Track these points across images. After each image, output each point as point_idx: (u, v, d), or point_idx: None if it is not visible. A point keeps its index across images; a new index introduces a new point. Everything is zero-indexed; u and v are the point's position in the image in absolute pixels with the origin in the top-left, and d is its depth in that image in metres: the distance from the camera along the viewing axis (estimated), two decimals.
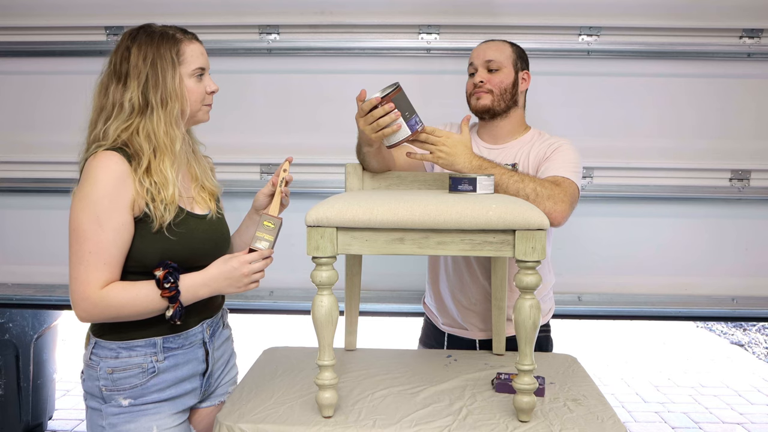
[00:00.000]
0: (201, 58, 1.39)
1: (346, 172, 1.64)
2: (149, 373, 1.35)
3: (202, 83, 1.39)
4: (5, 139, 2.31)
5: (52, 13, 2.24)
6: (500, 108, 1.72)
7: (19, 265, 2.34)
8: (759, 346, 4.91)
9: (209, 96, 1.42)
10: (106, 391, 1.34)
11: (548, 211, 1.49)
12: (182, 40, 1.37)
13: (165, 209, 1.31)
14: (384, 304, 2.33)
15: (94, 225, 1.26)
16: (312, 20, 2.23)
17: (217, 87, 1.42)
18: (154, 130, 1.31)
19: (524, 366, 1.21)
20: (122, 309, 1.28)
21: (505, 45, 1.75)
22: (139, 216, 1.30)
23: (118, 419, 1.34)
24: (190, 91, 1.37)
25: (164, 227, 1.31)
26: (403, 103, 1.43)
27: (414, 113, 1.44)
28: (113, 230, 1.27)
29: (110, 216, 1.26)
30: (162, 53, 1.33)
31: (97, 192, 1.26)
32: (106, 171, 1.27)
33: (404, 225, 1.19)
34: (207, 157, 1.56)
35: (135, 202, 1.29)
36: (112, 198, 1.26)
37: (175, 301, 1.29)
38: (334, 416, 1.25)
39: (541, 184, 1.52)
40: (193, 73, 1.37)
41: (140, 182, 1.29)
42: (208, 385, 1.47)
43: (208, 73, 1.42)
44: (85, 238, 1.26)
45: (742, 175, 2.24)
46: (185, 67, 1.36)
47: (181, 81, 1.35)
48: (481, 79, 1.71)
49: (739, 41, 2.19)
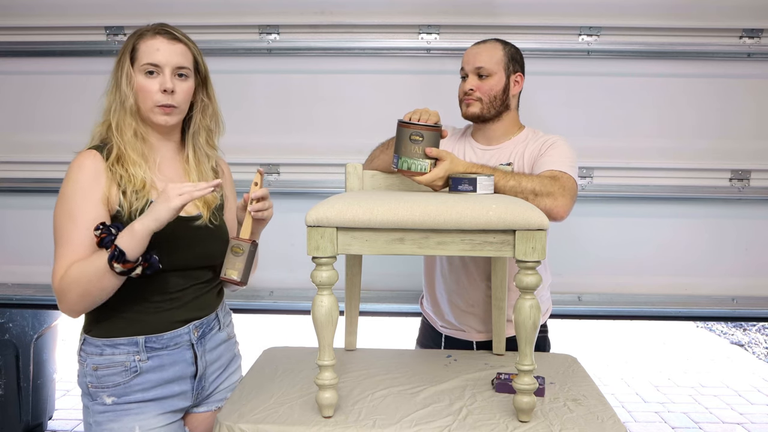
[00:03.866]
0: (156, 54, 1.34)
1: (346, 172, 1.63)
2: (132, 372, 1.35)
3: (154, 80, 1.35)
4: (5, 139, 2.31)
5: (52, 13, 2.24)
6: (490, 114, 1.73)
7: (19, 265, 2.34)
8: (759, 346, 4.91)
9: (163, 95, 1.35)
10: (92, 388, 1.35)
11: (549, 207, 1.50)
12: (143, 35, 1.36)
13: (134, 196, 1.32)
14: (384, 304, 2.33)
15: (68, 220, 1.28)
16: (312, 20, 2.23)
17: (170, 86, 1.34)
18: (117, 121, 1.35)
19: (524, 366, 1.21)
20: (79, 282, 1.26)
21: (496, 48, 1.72)
22: (114, 213, 1.31)
23: (103, 417, 1.35)
24: (139, 86, 1.35)
25: (134, 216, 1.30)
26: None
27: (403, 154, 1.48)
28: (86, 225, 1.28)
29: (83, 210, 1.28)
30: (125, 49, 1.37)
31: (71, 189, 1.30)
32: (80, 168, 1.31)
33: (404, 225, 1.18)
34: (221, 166, 1.54)
35: (109, 198, 1.30)
36: (85, 193, 1.29)
37: (109, 246, 1.24)
38: (334, 416, 1.25)
39: (539, 182, 1.52)
40: (142, 69, 1.35)
41: (111, 171, 1.31)
42: (200, 389, 1.46)
43: (170, 71, 1.35)
44: (60, 234, 1.29)
45: (742, 175, 2.24)
46: (137, 62, 1.35)
47: (130, 75, 1.34)
48: (471, 87, 1.70)
49: (739, 41, 2.19)
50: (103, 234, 1.26)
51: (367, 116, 2.24)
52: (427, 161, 1.46)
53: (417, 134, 1.44)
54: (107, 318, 1.35)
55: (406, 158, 1.46)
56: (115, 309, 1.34)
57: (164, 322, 1.38)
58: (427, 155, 1.46)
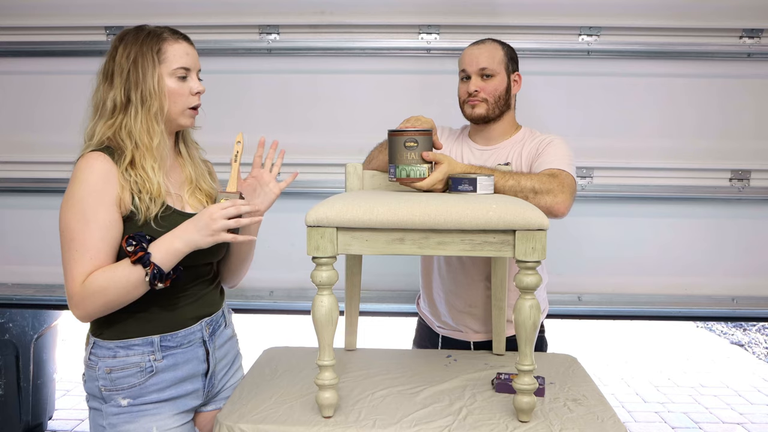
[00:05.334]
0: (185, 58, 1.36)
1: (346, 172, 1.63)
2: (147, 372, 1.35)
3: (186, 84, 1.37)
4: (5, 139, 2.31)
5: (52, 13, 2.24)
6: (494, 115, 1.73)
7: (19, 265, 2.34)
8: (759, 346, 4.91)
9: (194, 97, 1.38)
10: (106, 391, 1.34)
11: (549, 204, 1.50)
12: (166, 38, 1.35)
13: (151, 201, 1.31)
14: (384, 304, 2.33)
15: (80, 223, 1.27)
16: (312, 20, 2.23)
17: (203, 88, 1.39)
18: (134, 127, 1.32)
19: (524, 366, 1.21)
20: (106, 292, 1.26)
21: (496, 48, 1.73)
22: (127, 214, 1.30)
23: (118, 419, 1.34)
24: (171, 90, 1.35)
25: (150, 220, 1.30)
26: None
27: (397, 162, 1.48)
28: (99, 227, 1.27)
29: (96, 213, 1.27)
30: (144, 51, 1.33)
31: (82, 190, 1.27)
32: (91, 170, 1.28)
33: (404, 225, 1.19)
34: (207, 162, 1.55)
35: (121, 200, 1.29)
36: (97, 195, 1.27)
37: (148, 264, 1.25)
38: (334, 416, 1.25)
39: (538, 180, 1.52)
40: (174, 73, 1.35)
41: (124, 177, 1.30)
42: (210, 386, 1.46)
43: (195, 74, 1.39)
44: (72, 237, 1.27)
45: (742, 175, 2.24)
46: (166, 66, 1.34)
47: (160, 79, 1.34)
48: (476, 88, 1.70)
49: (739, 41, 2.19)
50: (139, 252, 1.25)
51: (367, 116, 2.24)
52: (425, 165, 1.45)
53: (411, 140, 1.44)
54: (119, 320, 1.34)
55: (403, 166, 1.45)
56: (126, 310, 1.33)
57: (177, 320, 1.38)
58: (424, 159, 1.45)
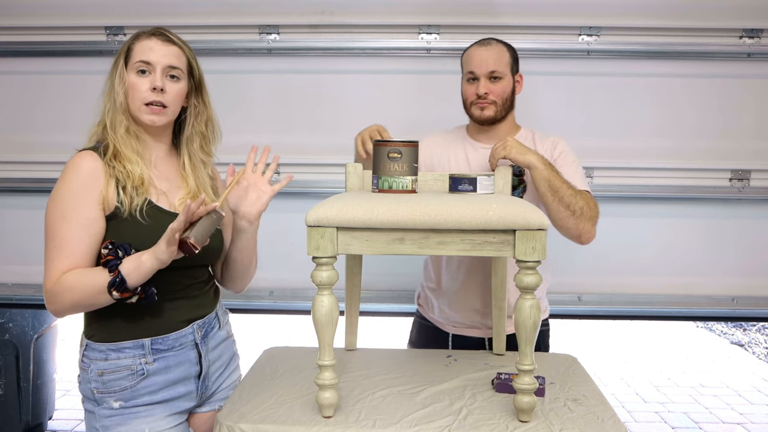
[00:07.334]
0: (147, 53, 1.35)
1: (346, 172, 1.63)
2: (138, 375, 1.34)
3: (145, 79, 1.35)
4: (5, 139, 2.31)
5: (52, 13, 2.24)
6: (502, 116, 1.75)
7: (19, 265, 2.34)
8: (759, 346, 4.91)
9: (150, 93, 1.34)
10: (98, 393, 1.34)
11: (583, 231, 1.62)
12: (139, 36, 1.37)
13: (134, 190, 1.31)
14: (384, 304, 2.33)
15: (60, 221, 1.28)
16: (312, 20, 2.23)
17: (159, 84, 1.33)
18: (107, 118, 1.35)
19: (524, 366, 1.21)
20: (73, 292, 1.26)
21: (503, 50, 1.74)
22: (113, 211, 1.31)
23: (110, 421, 1.34)
24: (130, 84, 1.35)
25: (135, 212, 1.31)
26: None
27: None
28: (79, 225, 1.27)
29: (76, 211, 1.28)
30: (120, 51, 1.38)
31: (64, 188, 1.29)
32: (76, 169, 1.30)
33: (404, 225, 1.18)
34: (214, 179, 1.54)
35: (105, 198, 1.30)
36: (79, 193, 1.28)
37: (113, 269, 1.24)
38: (334, 416, 1.25)
39: (587, 204, 1.61)
40: (134, 67, 1.35)
41: (109, 169, 1.31)
42: (204, 388, 1.46)
43: (161, 71, 1.35)
44: (53, 235, 1.28)
45: (742, 175, 2.24)
46: (130, 61, 1.36)
47: (122, 74, 1.35)
48: (486, 91, 1.71)
49: (739, 41, 2.19)
50: (110, 255, 1.25)
51: (367, 116, 2.22)
52: (409, 177, 1.43)
53: (395, 151, 1.43)
54: (110, 322, 1.34)
55: (386, 177, 1.43)
56: (117, 313, 1.33)
57: (169, 323, 1.38)
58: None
